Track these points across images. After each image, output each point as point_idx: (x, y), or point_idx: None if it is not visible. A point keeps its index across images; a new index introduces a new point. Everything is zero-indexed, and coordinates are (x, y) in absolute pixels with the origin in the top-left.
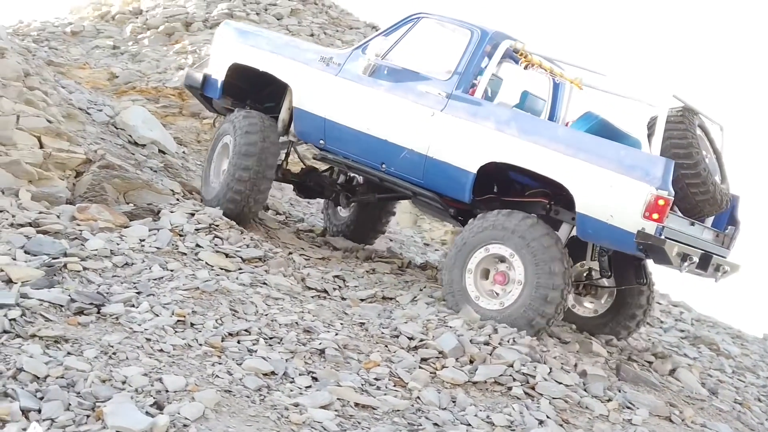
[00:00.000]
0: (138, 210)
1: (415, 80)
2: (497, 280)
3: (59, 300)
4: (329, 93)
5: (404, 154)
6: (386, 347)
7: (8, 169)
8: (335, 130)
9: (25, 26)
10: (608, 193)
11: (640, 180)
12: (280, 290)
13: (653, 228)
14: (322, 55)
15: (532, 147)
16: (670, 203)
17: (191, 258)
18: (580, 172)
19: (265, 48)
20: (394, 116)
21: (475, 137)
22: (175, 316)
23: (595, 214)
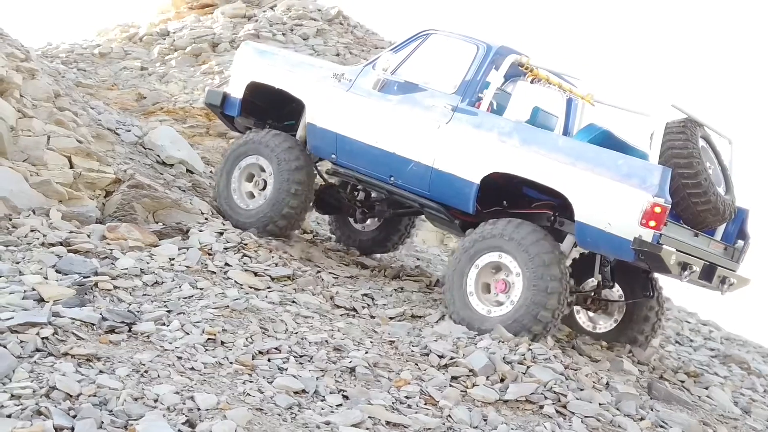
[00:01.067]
0: (167, 229)
1: (422, 94)
2: (498, 287)
3: (91, 318)
4: (340, 108)
5: (411, 167)
6: (416, 365)
7: (39, 189)
8: (346, 145)
9: (54, 48)
10: (606, 201)
11: (637, 188)
12: (310, 308)
13: (650, 235)
14: (335, 72)
15: (533, 157)
16: (667, 210)
17: (221, 276)
18: (578, 180)
19: (280, 66)
20: (402, 129)
21: (477, 148)
22: (206, 335)
23: (594, 222)
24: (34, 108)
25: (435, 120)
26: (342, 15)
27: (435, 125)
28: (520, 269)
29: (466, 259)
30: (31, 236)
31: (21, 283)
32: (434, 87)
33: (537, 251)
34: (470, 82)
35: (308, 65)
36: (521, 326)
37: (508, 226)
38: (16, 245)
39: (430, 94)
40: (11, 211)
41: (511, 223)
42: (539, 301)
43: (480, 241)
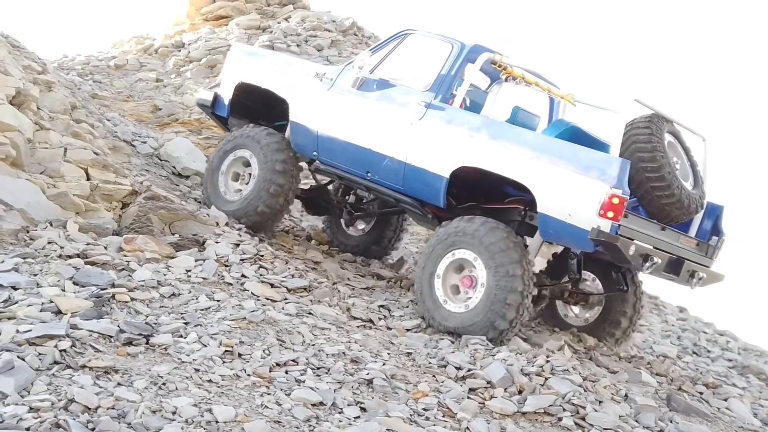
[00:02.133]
0: (183, 241)
1: (398, 92)
2: (464, 283)
3: (108, 331)
4: (321, 106)
5: (386, 162)
6: (434, 377)
7: (56, 201)
8: (326, 142)
9: (70, 60)
10: (567, 193)
11: (596, 179)
12: (326, 320)
13: (608, 226)
14: (317, 71)
15: (499, 151)
16: (626, 202)
17: (237, 288)
18: (541, 173)
19: (267, 67)
20: (378, 126)
21: (447, 143)
22: (223, 347)
23: (555, 214)
24: (51, 120)
25: (409, 116)
26: (356, 26)
27: (409, 121)
28: (485, 272)
29: (435, 255)
30: (48, 248)
31: (39, 295)
32: (409, 84)
33: (502, 260)
34: (444, 80)
35: (292, 65)
36: (478, 330)
37: (481, 227)
38: (33, 257)
39: (405, 91)
40: (29, 223)
41: (485, 224)
42: (499, 310)
43: (452, 237)
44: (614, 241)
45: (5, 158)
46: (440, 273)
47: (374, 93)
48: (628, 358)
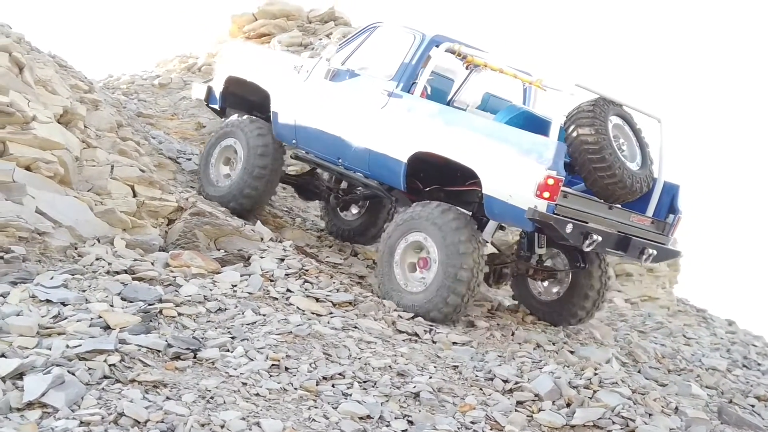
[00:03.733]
0: (229, 256)
1: (365, 82)
2: (420, 265)
3: (156, 345)
4: (298, 97)
5: (354, 149)
6: (481, 390)
7: (104, 218)
8: (303, 130)
9: (115, 80)
10: (508, 175)
11: (534, 161)
12: (372, 334)
13: (544, 206)
14: (295, 64)
15: (450, 137)
16: (561, 182)
17: (283, 303)
18: (486, 156)
19: (253, 61)
20: (346, 114)
21: (406, 130)
22: (270, 360)
23: (498, 195)
24: (97, 138)
25: (373, 105)
26: None
27: (373, 110)
28: (437, 252)
29: (394, 238)
30: (96, 264)
31: (88, 311)
32: (375, 74)
33: (453, 239)
34: (406, 69)
35: (275, 59)
36: (433, 306)
37: (434, 210)
38: (82, 273)
39: (371, 81)
40: (77, 239)
41: (437, 207)
42: (450, 285)
43: (408, 221)
44: (549, 220)
45: (54, 176)
46: (398, 255)
47: (344, 83)
48: (677, 370)
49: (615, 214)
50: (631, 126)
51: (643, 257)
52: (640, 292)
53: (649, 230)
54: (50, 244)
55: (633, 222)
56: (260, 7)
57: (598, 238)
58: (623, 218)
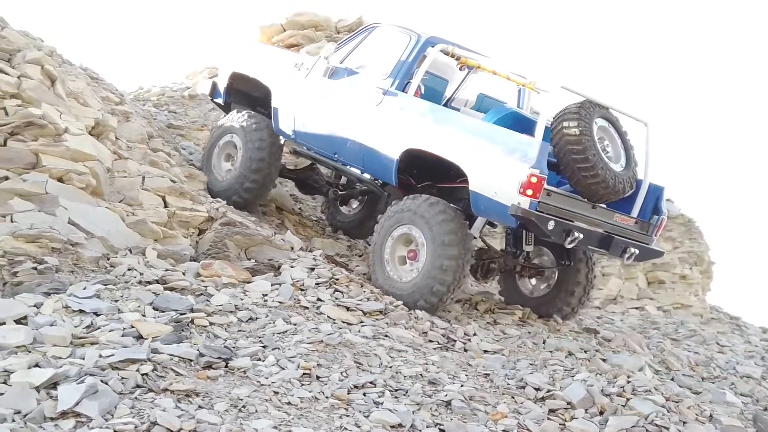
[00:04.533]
0: (259, 265)
1: (361, 80)
2: (410, 256)
3: (188, 354)
4: (297, 93)
5: (349, 144)
6: (513, 398)
7: (135, 229)
8: (301, 126)
9: (146, 92)
10: (493, 173)
11: (518, 160)
12: (403, 342)
13: (527, 203)
14: (296, 62)
15: (440, 134)
16: (544, 181)
17: (313, 312)
18: (473, 154)
19: (255, 58)
20: (342, 111)
21: (398, 127)
22: (301, 369)
23: (484, 191)
24: (129, 149)
25: (368, 102)
26: None
27: (368, 107)
28: (425, 243)
29: (385, 230)
30: (128, 275)
31: (120, 320)
32: (372, 73)
33: (439, 231)
34: (401, 68)
35: (276, 56)
36: (420, 295)
37: (423, 204)
38: (114, 284)
39: (367, 79)
40: (109, 250)
41: (426, 200)
42: (436, 275)
43: (399, 214)
44: (530, 217)
45: (86, 187)
46: (389, 246)
47: (341, 81)
48: (711, 378)
49: (598, 213)
50: (616, 128)
51: (626, 256)
52: (673, 299)
53: (632, 230)
54: (83, 255)
55: (616, 222)
56: (289, 18)
57: (579, 236)
58: (606, 218)
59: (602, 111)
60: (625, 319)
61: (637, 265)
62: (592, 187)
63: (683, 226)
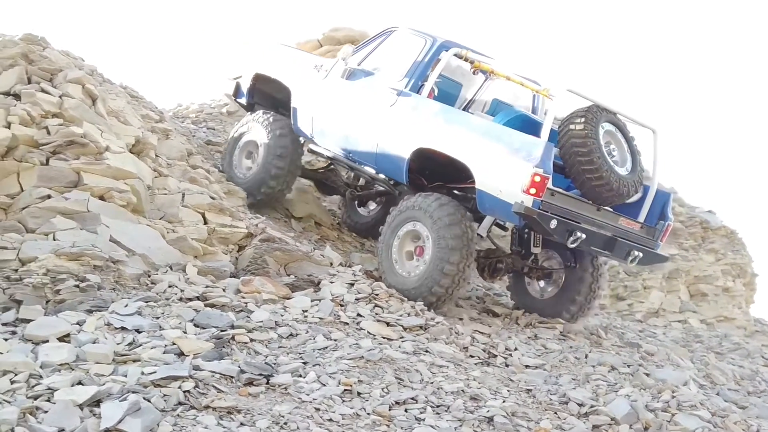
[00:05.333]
0: (299, 281)
1: (377, 81)
2: (417, 252)
3: (230, 371)
4: (315, 93)
5: (363, 144)
6: (555, 414)
7: (176, 246)
8: (318, 124)
9: (184, 109)
10: (499, 171)
11: (523, 159)
12: (444, 357)
13: (530, 201)
14: (316, 63)
15: (449, 134)
16: (547, 180)
17: (353, 327)
18: (480, 153)
19: (277, 59)
20: (357, 111)
21: (410, 127)
22: (342, 386)
23: (489, 190)
24: (168, 167)
25: (383, 102)
26: None
27: (382, 108)
28: (431, 239)
29: (394, 225)
30: (169, 292)
31: (162, 337)
32: (387, 75)
33: (444, 226)
34: (415, 70)
35: (297, 58)
36: (426, 289)
37: (430, 201)
38: (155, 301)
39: (383, 80)
40: (150, 267)
41: (434, 198)
42: (441, 270)
43: (407, 211)
44: (533, 215)
45: (127, 205)
46: (397, 241)
47: (358, 82)
48: (757, 392)
49: (603, 215)
50: (623, 133)
51: (629, 258)
52: (716, 312)
53: (637, 234)
54: (124, 272)
55: (621, 225)
56: (325, 33)
57: (582, 236)
58: (611, 220)
59: (609, 116)
60: (667, 332)
61: (678, 277)
62: (596, 189)
63: (726, 238)
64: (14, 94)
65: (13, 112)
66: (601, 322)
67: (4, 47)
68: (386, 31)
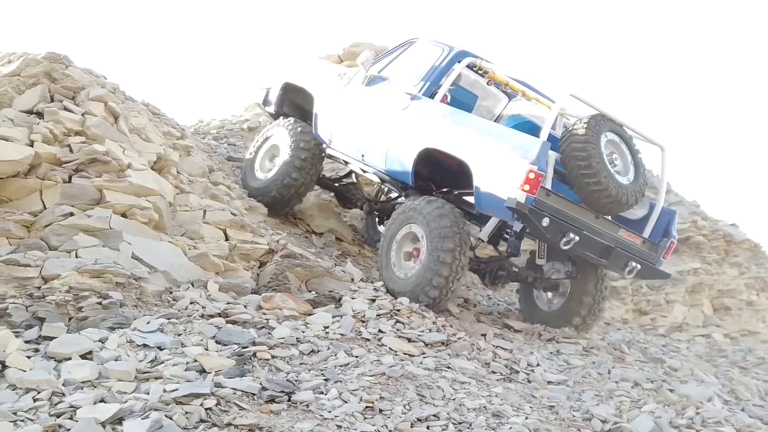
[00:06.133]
0: (320, 297)
1: (394, 87)
2: (414, 254)
3: (251, 388)
4: (335, 100)
5: (375, 145)
6: (579, 431)
7: (197, 262)
8: (337, 129)
9: (205, 125)
10: (496, 169)
11: (520, 157)
12: (465, 374)
13: (524, 198)
14: (339, 72)
15: (454, 134)
16: (542, 177)
17: (375, 343)
18: (479, 151)
19: (305, 68)
20: (372, 114)
21: (419, 129)
22: (364, 402)
23: (486, 187)
24: (190, 183)
25: (397, 106)
26: None
27: (396, 110)
28: (425, 240)
29: (394, 227)
30: (191, 308)
31: (183, 354)
32: (405, 81)
33: (436, 225)
34: (430, 77)
35: (323, 67)
36: (420, 289)
37: (423, 203)
38: (177, 318)
39: (399, 86)
40: (171, 284)
41: (425, 199)
42: (434, 269)
43: (403, 214)
44: (524, 210)
45: (148, 222)
46: (395, 244)
47: (375, 87)
48: None
49: (602, 224)
50: (628, 145)
51: (626, 270)
52: (740, 326)
53: (638, 248)
54: (146, 289)
55: (621, 236)
56: (346, 48)
57: (575, 237)
58: (610, 230)
59: (614, 126)
60: (691, 347)
61: (701, 291)
62: (594, 195)
63: (749, 252)
64: (37, 113)
65: (36, 130)
66: (624, 336)
67: (27, 66)
68: (408, 41)
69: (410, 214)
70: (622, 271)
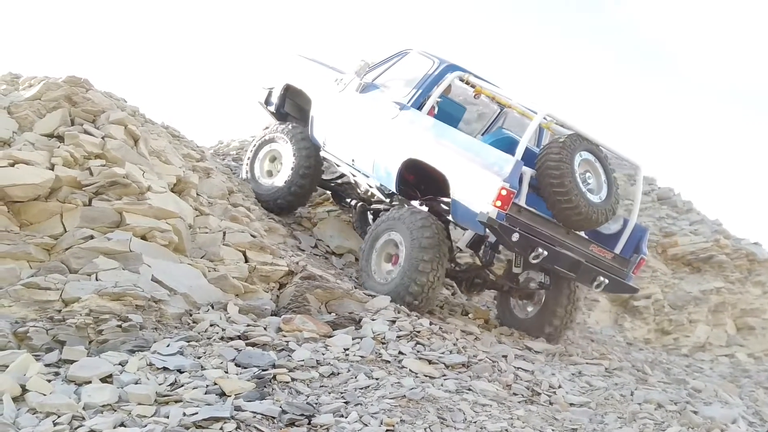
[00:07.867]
0: (340, 319)
1: (385, 96)
2: (393, 261)
3: (271, 412)
4: (331, 105)
5: (364, 152)
6: None
7: (217, 284)
8: (331, 134)
9: (225, 146)
10: (471, 183)
11: (494, 174)
12: (487, 396)
13: (495, 213)
14: (337, 77)
15: (435, 147)
16: (513, 194)
17: (395, 366)
18: (457, 166)
19: (305, 70)
20: (363, 122)
21: (404, 139)
22: (384, 426)
23: (461, 200)
24: (210, 205)
25: (386, 115)
26: None
27: (385, 119)
28: (406, 246)
29: (374, 235)
30: (210, 331)
31: (203, 377)
32: (396, 91)
33: (418, 235)
34: (420, 88)
35: (322, 72)
36: (403, 290)
37: (405, 213)
38: (197, 340)
39: (390, 96)
40: (191, 306)
41: (408, 210)
42: (413, 274)
43: (385, 222)
44: (494, 225)
45: (168, 244)
46: (375, 251)
47: (368, 95)
48: None
49: (572, 239)
50: (602, 165)
51: (594, 284)
52: (764, 346)
53: (608, 263)
54: (166, 312)
55: (591, 251)
56: None
57: (543, 252)
58: (581, 245)
59: (590, 146)
60: (714, 367)
61: (724, 310)
62: (565, 212)
63: None
64: (58, 136)
65: (56, 153)
66: (647, 357)
67: (48, 90)
68: (401, 52)
69: (392, 223)
70: (591, 284)
